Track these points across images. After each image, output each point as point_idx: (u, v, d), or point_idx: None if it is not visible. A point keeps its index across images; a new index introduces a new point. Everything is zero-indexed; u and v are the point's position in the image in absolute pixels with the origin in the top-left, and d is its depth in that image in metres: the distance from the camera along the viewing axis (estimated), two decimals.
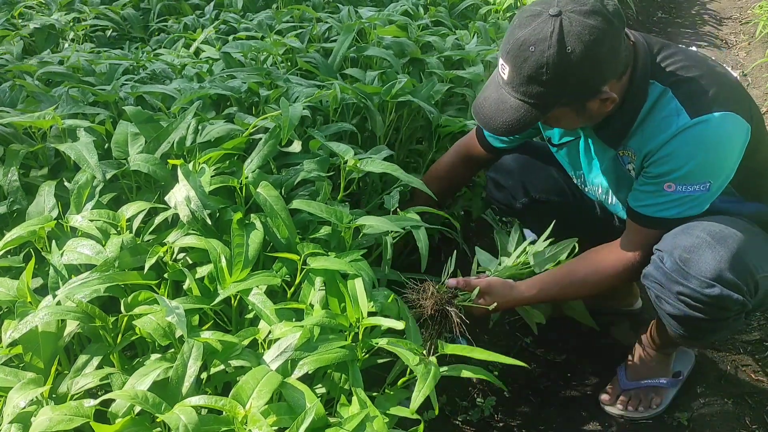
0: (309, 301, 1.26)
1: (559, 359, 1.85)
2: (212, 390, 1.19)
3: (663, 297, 1.37)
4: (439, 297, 1.39)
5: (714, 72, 1.36)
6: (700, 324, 1.35)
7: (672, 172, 1.33)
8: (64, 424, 0.99)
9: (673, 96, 1.33)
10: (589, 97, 1.30)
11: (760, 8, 4.42)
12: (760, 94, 3.64)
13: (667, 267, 1.33)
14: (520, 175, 1.73)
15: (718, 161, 1.33)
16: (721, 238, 1.31)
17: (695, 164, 1.31)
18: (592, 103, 1.31)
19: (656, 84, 1.35)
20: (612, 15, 1.25)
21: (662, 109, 1.34)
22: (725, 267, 1.28)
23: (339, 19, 2.64)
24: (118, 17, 3.08)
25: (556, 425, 1.65)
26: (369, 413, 1.06)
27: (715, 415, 1.63)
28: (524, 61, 1.25)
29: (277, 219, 1.36)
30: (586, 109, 1.33)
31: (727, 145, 1.32)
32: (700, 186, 1.33)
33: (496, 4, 3.24)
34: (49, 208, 1.41)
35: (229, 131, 1.58)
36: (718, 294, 1.28)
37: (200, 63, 2.27)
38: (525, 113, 1.31)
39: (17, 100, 1.80)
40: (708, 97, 1.31)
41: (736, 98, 1.35)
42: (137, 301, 1.21)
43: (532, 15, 1.26)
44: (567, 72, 1.24)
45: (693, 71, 1.35)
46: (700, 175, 1.32)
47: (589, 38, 1.21)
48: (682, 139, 1.31)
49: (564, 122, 1.41)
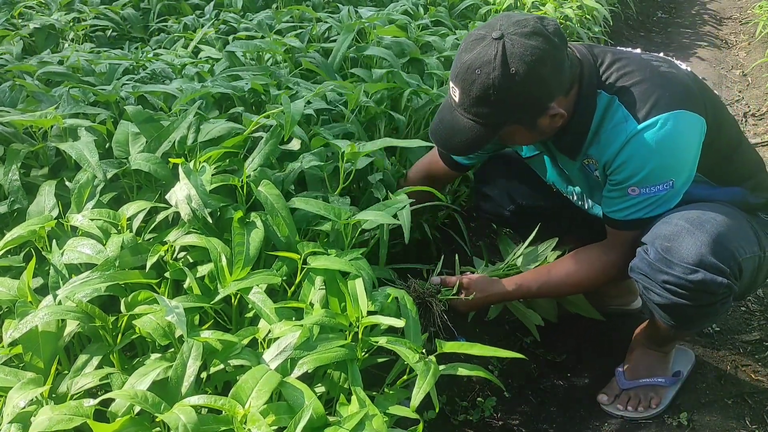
0: (309, 300, 1.26)
1: (559, 359, 1.85)
2: (212, 389, 1.19)
3: (650, 288, 1.40)
4: (422, 292, 1.45)
5: (658, 73, 1.40)
6: (688, 311, 1.37)
7: (632, 178, 1.38)
8: (64, 423, 0.99)
9: (619, 104, 1.38)
10: (538, 115, 1.35)
11: (760, 8, 4.42)
12: (760, 94, 3.64)
13: (650, 257, 1.36)
14: (506, 184, 1.78)
15: (674, 159, 1.36)
16: (700, 224, 1.33)
17: (652, 167, 1.35)
18: (542, 120, 1.36)
19: (603, 94, 1.40)
20: (552, 35, 1.30)
21: (611, 118, 1.39)
22: (706, 251, 1.30)
23: (339, 19, 2.64)
24: (118, 17, 3.09)
25: (556, 425, 1.65)
26: (368, 412, 1.06)
27: (715, 415, 1.63)
28: (472, 84, 1.30)
29: (277, 217, 1.36)
30: (537, 126, 1.38)
31: (680, 142, 1.35)
32: (663, 185, 1.37)
33: (496, 4, 3.25)
34: (50, 207, 1.41)
35: (229, 130, 1.58)
36: (702, 279, 1.30)
37: (201, 63, 2.27)
38: (478, 133, 1.36)
39: (17, 100, 1.80)
40: (652, 100, 1.35)
41: (684, 95, 1.37)
42: (137, 301, 1.21)
43: (476, 39, 1.31)
44: (513, 92, 1.29)
45: (636, 76, 1.39)
46: (659, 175, 1.36)
47: (531, 58, 1.26)
48: (634, 145, 1.35)
49: (518, 139, 1.46)
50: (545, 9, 3.31)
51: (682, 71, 1.45)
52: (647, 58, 1.45)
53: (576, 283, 1.56)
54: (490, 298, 1.54)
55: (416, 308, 1.40)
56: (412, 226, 1.49)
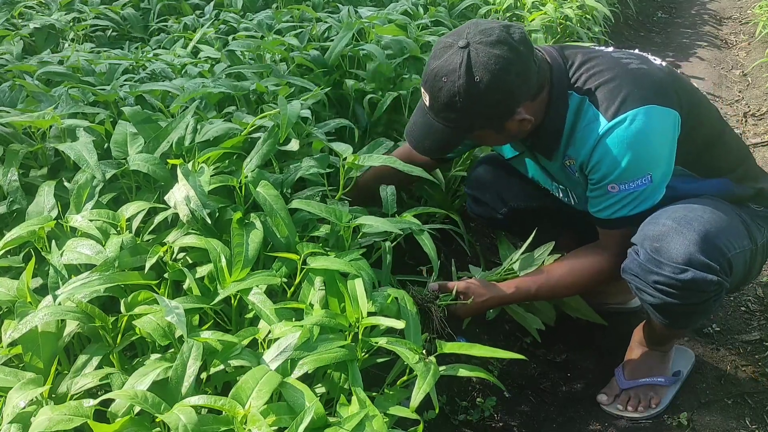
0: (309, 300, 1.26)
1: (559, 359, 1.85)
2: (212, 390, 1.19)
3: (642, 288, 1.40)
4: (421, 298, 1.46)
5: (627, 71, 1.41)
6: (681, 309, 1.38)
7: (608, 175, 1.39)
8: (64, 424, 0.99)
9: (589, 104, 1.40)
10: (505, 119, 1.38)
11: (760, 8, 4.42)
12: (760, 94, 3.64)
13: (641, 258, 1.37)
14: (496, 187, 1.79)
15: (648, 153, 1.38)
16: (687, 222, 1.34)
17: (626, 162, 1.36)
18: (510, 124, 1.40)
19: (574, 95, 1.42)
20: (518, 43, 1.33)
21: (583, 118, 1.41)
22: (695, 250, 1.31)
23: (339, 19, 2.64)
24: (118, 17, 3.08)
25: (556, 425, 1.65)
26: (368, 413, 1.06)
27: (715, 415, 1.63)
28: (439, 91, 1.35)
29: (276, 218, 1.36)
30: (505, 129, 1.41)
31: (652, 136, 1.37)
32: (641, 180, 1.38)
33: (495, 4, 3.25)
34: (49, 208, 1.41)
35: (228, 130, 1.58)
36: (692, 277, 1.31)
37: (201, 62, 2.27)
38: (448, 135, 1.42)
39: (17, 100, 1.80)
40: (621, 97, 1.37)
41: (654, 90, 1.39)
42: (137, 301, 1.21)
43: (444, 47, 1.36)
44: (478, 99, 1.33)
45: (606, 75, 1.41)
46: (635, 171, 1.37)
47: (495, 67, 1.30)
48: (606, 143, 1.37)
49: (489, 141, 1.52)
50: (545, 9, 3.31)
51: (655, 66, 1.46)
52: (617, 56, 1.47)
53: (572, 284, 1.56)
54: (488, 303, 1.55)
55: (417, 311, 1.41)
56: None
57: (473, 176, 1.85)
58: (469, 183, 1.86)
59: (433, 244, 1.47)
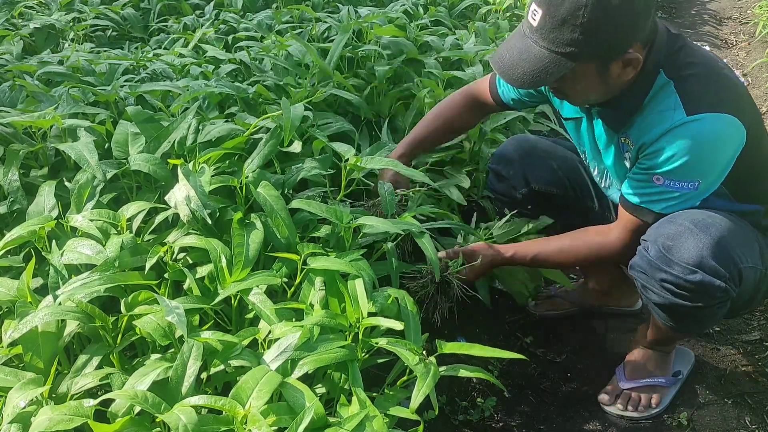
0: (309, 301, 1.26)
1: (559, 359, 1.85)
2: (212, 390, 1.19)
3: (648, 286, 1.39)
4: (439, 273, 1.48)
5: (721, 74, 1.37)
6: (685, 311, 1.37)
7: (661, 166, 1.35)
8: (64, 424, 0.99)
9: (674, 90, 1.34)
10: (615, 55, 1.28)
11: (760, 8, 4.42)
12: (760, 94, 3.64)
13: (651, 255, 1.36)
14: (521, 166, 1.76)
15: (708, 161, 1.34)
16: (704, 227, 1.33)
17: (684, 162, 1.32)
18: (616, 66, 1.30)
19: (662, 74, 1.36)
20: None
21: (661, 101, 1.35)
22: (707, 254, 1.30)
23: (339, 19, 2.64)
24: (118, 17, 3.09)
25: (556, 425, 1.65)
26: (369, 413, 1.06)
27: (715, 415, 1.63)
28: (561, 3, 1.22)
29: (277, 218, 1.36)
30: (609, 72, 1.31)
31: (720, 146, 1.33)
32: (689, 184, 1.35)
33: (495, 4, 3.25)
34: (49, 207, 1.41)
35: (229, 131, 1.58)
36: (700, 280, 1.30)
37: (203, 63, 2.27)
38: (548, 64, 1.27)
39: (17, 100, 1.80)
40: (708, 96, 1.32)
41: (737, 103, 1.35)
42: (137, 301, 1.21)
43: None
44: (604, 18, 1.21)
45: (699, 68, 1.35)
46: (689, 173, 1.34)
47: None
48: (675, 135, 1.32)
49: (581, 85, 1.36)
50: None
51: (739, 79, 1.42)
52: (712, 56, 1.42)
53: (570, 255, 1.56)
54: (495, 261, 1.56)
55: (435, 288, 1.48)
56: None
57: (501, 152, 1.82)
58: (495, 158, 1.83)
59: (434, 248, 1.45)
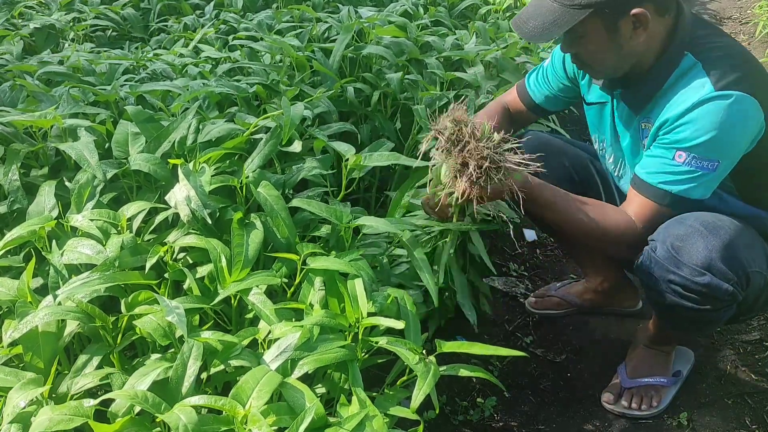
0: (309, 301, 1.26)
1: (559, 359, 1.85)
2: (212, 390, 1.19)
3: (653, 287, 1.39)
4: (482, 145, 1.20)
5: (748, 57, 1.38)
6: (690, 314, 1.37)
7: (687, 140, 1.33)
8: (64, 424, 0.99)
9: (702, 69, 1.34)
10: (623, 10, 1.30)
11: (760, 8, 4.42)
12: None
13: (658, 256, 1.35)
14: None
15: (732, 139, 1.33)
16: (714, 229, 1.33)
17: (709, 138, 1.31)
18: (625, 25, 1.32)
19: (689, 56, 1.36)
20: None
21: (689, 81, 1.35)
22: (716, 256, 1.30)
23: (339, 19, 2.64)
24: (118, 17, 3.09)
25: (556, 425, 1.65)
26: (369, 413, 1.06)
27: (715, 415, 1.63)
28: None
29: (277, 218, 1.36)
30: (619, 32, 1.33)
31: (745, 125, 1.32)
32: (709, 163, 1.33)
33: (495, 4, 3.24)
34: (50, 207, 1.41)
35: (229, 131, 1.58)
36: (708, 282, 1.30)
37: (202, 62, 2.27)
38: (558, 17, 1.32)
39: (18, 100, 1.81)
40: (736, 74, 1.32)
41: (760, 86, 1.34)
42: (137, 301, 1.21)
43: None
44: None
45: (726, 51, 1.36)
46: (712, 149, 1.32)
47: None
48: (704, 110, 1.31)
49: (592, 42, 1.37)
50: None
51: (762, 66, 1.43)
52: (741, 45, 1.43)
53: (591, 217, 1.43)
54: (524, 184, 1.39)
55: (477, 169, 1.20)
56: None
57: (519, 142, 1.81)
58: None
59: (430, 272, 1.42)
